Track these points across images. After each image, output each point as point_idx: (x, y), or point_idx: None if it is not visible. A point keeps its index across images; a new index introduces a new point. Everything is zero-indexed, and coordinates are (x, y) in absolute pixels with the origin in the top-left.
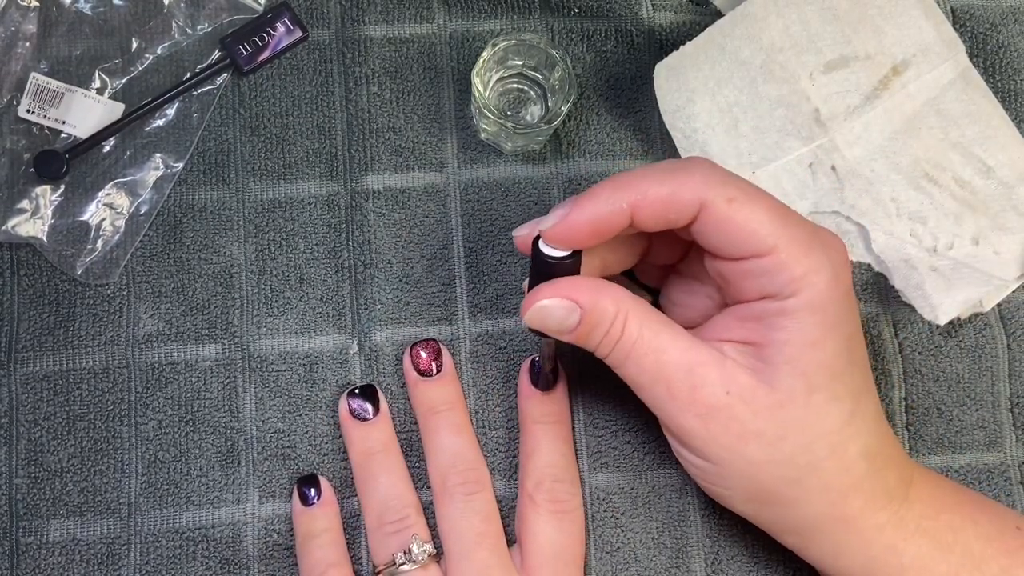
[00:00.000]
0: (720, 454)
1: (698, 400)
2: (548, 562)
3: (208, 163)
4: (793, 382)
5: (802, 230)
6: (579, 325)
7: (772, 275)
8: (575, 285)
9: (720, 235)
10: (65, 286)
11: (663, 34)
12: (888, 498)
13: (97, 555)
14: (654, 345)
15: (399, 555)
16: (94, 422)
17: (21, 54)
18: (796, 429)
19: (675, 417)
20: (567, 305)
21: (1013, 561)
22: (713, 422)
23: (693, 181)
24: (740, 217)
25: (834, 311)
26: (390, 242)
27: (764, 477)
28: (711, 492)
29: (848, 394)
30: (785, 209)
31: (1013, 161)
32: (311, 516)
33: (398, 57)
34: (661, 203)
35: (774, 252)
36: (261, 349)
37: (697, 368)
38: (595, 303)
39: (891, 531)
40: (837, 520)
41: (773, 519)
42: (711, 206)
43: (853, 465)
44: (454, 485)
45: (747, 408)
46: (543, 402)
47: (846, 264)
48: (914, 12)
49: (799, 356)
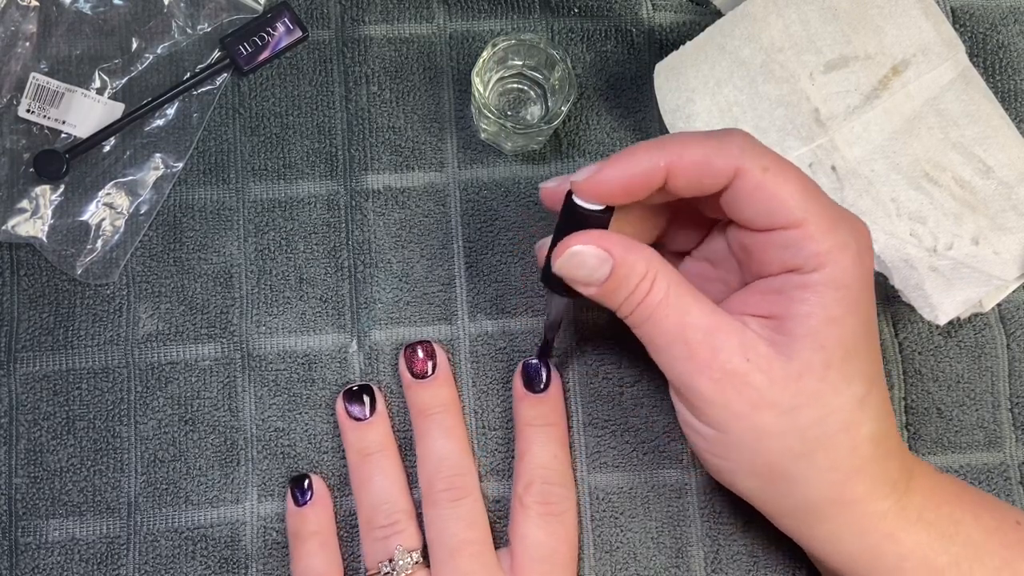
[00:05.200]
0: (730, 421)
1: (716, 363)
2: (536, 565)
3: (208, 163)
4: (811, 355)
5: (830, 207)
6: (608, 278)
7: (798, 248)
8: (609, 237)
9: (751, 204)
10: (65, 286)
11: (663, 34)
12: (891, 486)
13: (96, 555)
14: (678, 306)
15: (384, 564)
16: (94, 422)
17: (21, 54)
18: (810, 401)
19: (691, 379)
20: (600, 255)
21: (1014, 554)
22: (728, 387)
23: (731, 147)
24: (772, 187)
25: (856, 290)
26: (390, 242)
27: (773, 449)
28: (713, 466)
29: (862, 376)
30: (815, 185)
31: (1013, 161)
32: (302, 517)
33: (398, 57)
34: (697, 166)
35: (802, 225)
36: (261, 348)
37: (718, 332)
38: (627, 257)
39: (892, 519)
40: (839, 503)
41: (774, 498)
42: (746, 173)
43: (861, 446)
44: (439, 491)
45: (764, 376)
46: (536, 404)
47: (869, 249)
48: (914, 12)
49: (819, 330)
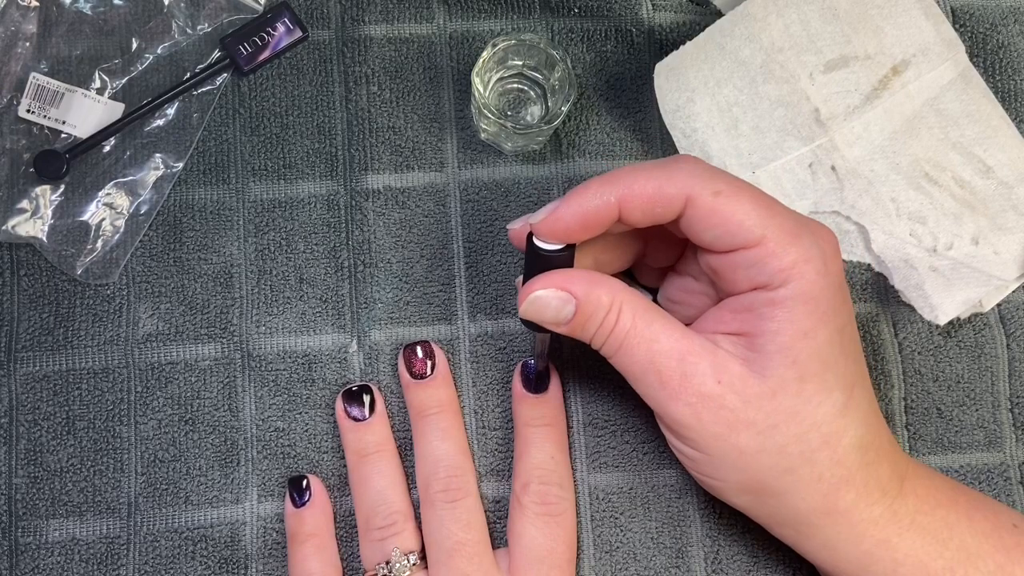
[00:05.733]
0: (711, 444)
1: (689, 388)
2: (533, 565)
3: (208, 163)
4: (784, 371)
5: (790, 220)
6: (574, 316)
7: (761, 265)
8: (570, 276)
9: (708, 228)
10: (65, 286)
11: (663, 34)
12: (881, 492)
13: (96, 555)
14: (646, 335)
15: (381, 566)
16: (94, 422)
17: (21, 54)
18: (788, 418)
19: (666, 406)
20: (562, 296)
21: (1009, 558)
22: (704, 411)
23: (679, 176)
24: (726, 210)
25: (825, 301)
26: (390, 242)
27: (756, 467)
28: (705, 484)
29: (840, 385)
30: (771, 200)
31: (1013, 161)
32: (300, 518)
33: (398, 57)
34: (648, 198)
35: (762, 243)
36: (261, 348)
37: (688, 357)
38: (589, 294)
39: (885, 525)
40: (829, 513)
41: (766, 511)
42: (697, 199)
43: (846, 457)
44: (435, 492)
45: (737, 397)
46: (535, 405)
47: (836, 254)
48: (914, 12)
49: (790, 345)
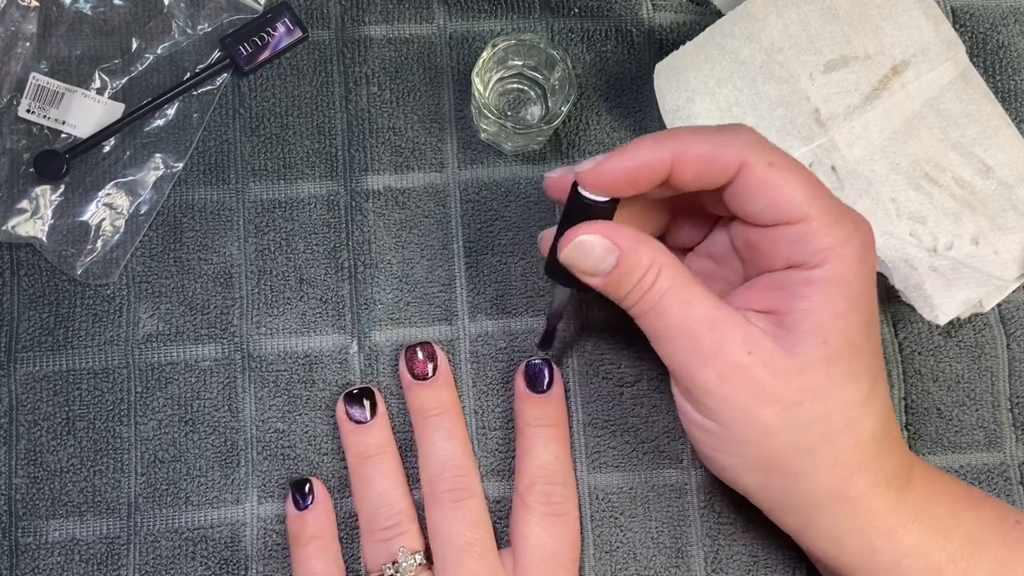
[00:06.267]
0: (733, 415)
1: (720, 355)
2: (538, 565)
3: (208, 163)
4: (814, 351)
5: (835, 204)
6: (614, 268)
7: (802, 243)
8: (616, 228)
9: (756, 199)
10: (65, 286)
11: (663, 34)
12: (889, 483)
13: (96, 555)
14: (683, 298)
15: (387, 567)
16: (94, 422)
17: (21, 54)
18: (814, 397)
19: (693, 370)
20: (607, 244)
21: (1011, 552)
22: (731, 380)
23: (736, 142)
24: (778, 181)
25: (859, 286)
26: (390, 242)
27: (775, 444)
28: (715, 463)
29: (865, 372)
30: (819, 182)
31: (1013, 161)
32: (303, 521)
33: (398, 57)
34: (703, 159)
35: (806, 220)
36: (261, 349)
37: (722, 325)
38: (633, 248)
39: (891, 516)
40: (841, 499)
41: (776, 494)
42: (751, 168)
43: (864, 443)
44: (442, 492)
45: (766, 370)
46: (538, 404)
47: (872, 245)
48: (914, 12)
49: (822, 325)
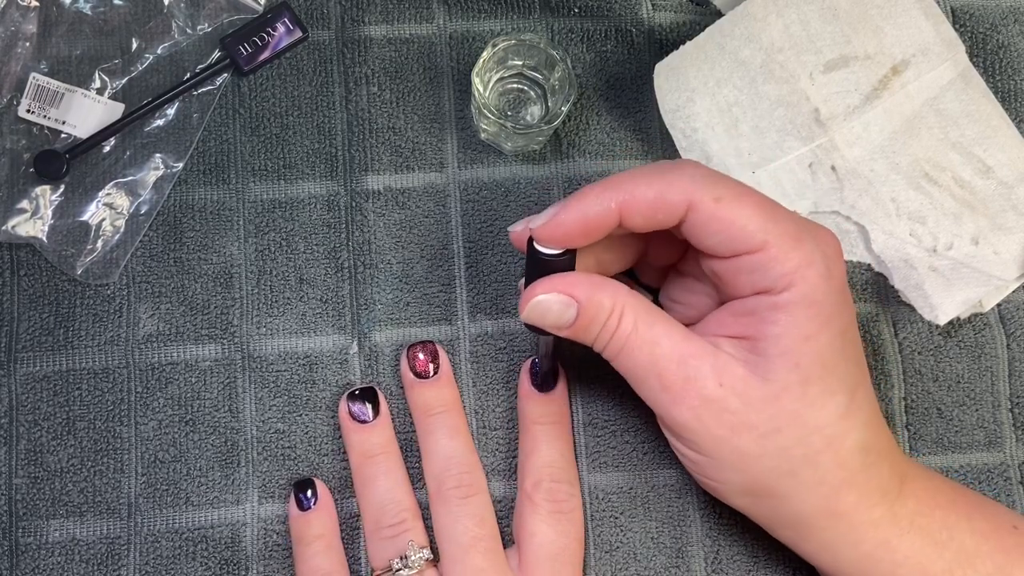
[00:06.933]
0: (713, 447)
1: (691, 392)
2: (545, 562)
3: (208, 163)
4: (787, 375)
5: (792, 224)
6: (576, 320)
7: (764, 270)
8: (571, 280)
9: (710, 234)
10: (65, 286)
11: (663, 34)
12: (882, 494)
13: (97, 555)
14: (648, 338)
15: (396, 561)
16: (94, 422)
17: (21, 54)
18: (790, 421)
19: (668, 409)
20: (564, 300)
21: (1008, 559)
22: (706, 414)
23: (681, 181)
24: (728, 215)
25: (828, 304)
26: (390, 242)
27: (757, 470)
28: (706, 486)
29: (843, 387)
30: (773, 205)
31: (1013, 161)
32: (306, 521)
33: (398, 57)
34: (649, 203)
35: (764, 248)
36: (261, 349)
37: (690, 360)
38: (591, 297)
39: (885, 527)
40: (831, 515)
41: (767, 513)
42: (699, 205)
43: (849, 459)
44: (448, 489)
45: (740, 400)
46: (542, 402)
47: (839, 257)
48: (914, 12)
49: (793, 349)
